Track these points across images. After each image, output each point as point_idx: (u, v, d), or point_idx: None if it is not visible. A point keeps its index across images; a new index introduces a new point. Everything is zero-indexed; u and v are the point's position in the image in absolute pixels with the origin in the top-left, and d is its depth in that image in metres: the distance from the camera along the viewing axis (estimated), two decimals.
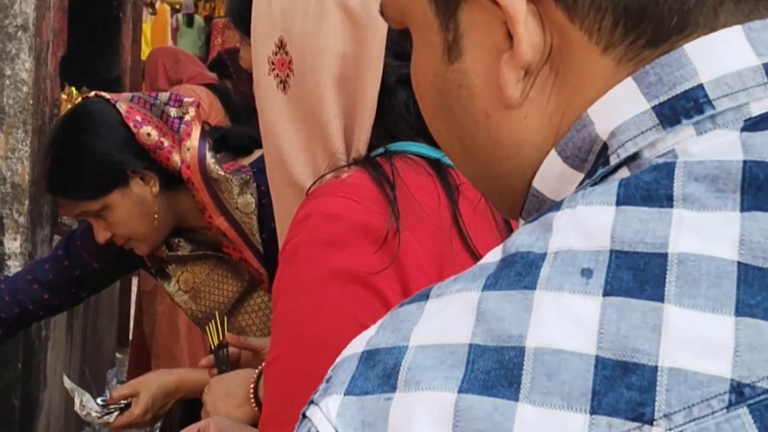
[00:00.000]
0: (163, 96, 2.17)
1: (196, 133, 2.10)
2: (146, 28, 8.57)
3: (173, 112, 2.13)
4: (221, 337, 2.03)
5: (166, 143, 2.11)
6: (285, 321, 1.13)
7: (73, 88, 4.41)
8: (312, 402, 0.57)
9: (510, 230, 1.23)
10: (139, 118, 2.11)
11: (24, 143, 3.65)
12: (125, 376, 5.27)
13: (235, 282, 2.22)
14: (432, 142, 1.19)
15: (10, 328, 2.39)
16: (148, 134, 2.10)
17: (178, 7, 11.57)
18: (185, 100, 2.15)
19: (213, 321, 2.08)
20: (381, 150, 1.20)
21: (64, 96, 4.25)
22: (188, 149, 2.09)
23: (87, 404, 2.26)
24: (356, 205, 1.12)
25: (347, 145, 1.19)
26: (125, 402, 2.22)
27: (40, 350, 3.91)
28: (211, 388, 1.85)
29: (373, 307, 1.09)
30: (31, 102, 3.65)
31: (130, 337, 6.31)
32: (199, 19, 11.16)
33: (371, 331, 0.58)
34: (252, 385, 1.77)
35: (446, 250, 1.14)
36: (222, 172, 2.09)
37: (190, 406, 2.45)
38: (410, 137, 1.21)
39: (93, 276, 2.36)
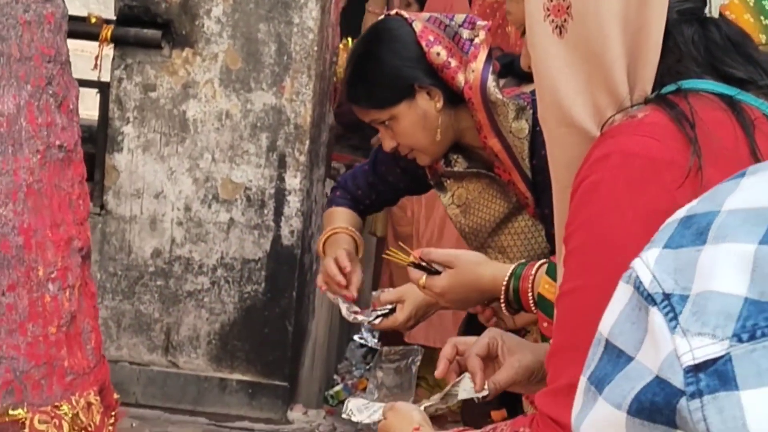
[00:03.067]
0: (459, 18, 2.31)
1: (482, 56, 2.22)
2: None
3: (465, 33, 2.26)
4: (411, 255, 2.10)
5: (453, 63, 2.24)
6: (584, 256, 1.18)
7: (350, 39, 4.63)
8: (638, 257, 0.69)
9: None
10: (431, 38, 2.26)
11: (307, 87, 3.90)
12: None
13: (502, 203, 2.34)
14: (721, 79, 1.23)
15: (365, 213, 2.66)
16: (438, 54, 2.25)
17: None
18: (478, 23, 2.28)
19: (390, 253, 2.18)
20: (672, 88, 1.21)
21: (341, 45, 4.49)
22: (472, 71, 2.22)
23: (351, 309, 2.43)
24: (657, 144, 1.15)
25: (630, 85, 1.21)
26: (390, 307, 2.35)
27: (311, 282, 4.19)
28: (448, 294, 1.96)
29: None
30: (315, 48, 3.89)
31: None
32: None
33: (693, 203, 0.70)
34: (504, 283, 1.87)
35: None
36: (500, 96, 2.21)
37: (471, 323, 2.59)
38: (697, 75, 1.23)
39: (389, 188, 2.60)
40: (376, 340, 5.14)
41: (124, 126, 3.96)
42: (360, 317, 2.39)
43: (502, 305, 1.88)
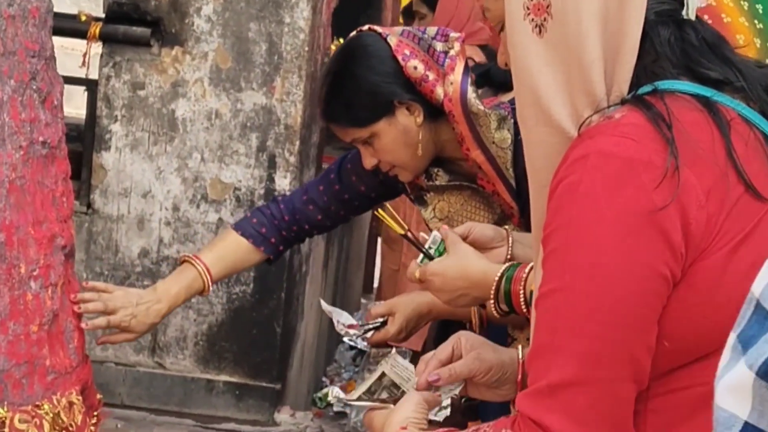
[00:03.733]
0: (431, 30, 2.29)
1: (459, 67, 2.21)
2: None
3: (439, 46, 2.24)
4: (402, 225, 2.06)
5: (431, 77, 2.22)
6: (563, 257, 1.18)
7: (341, 39, 4.61)
8: None
9: None
10: (407, 52, 2.24)
11: (298, 87, 3.88)
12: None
13: (486, 214, 2.32)
14: (697, 80, 1.24)
15: (289, 244, 2.58)
16: (415, 67, 2.23)
17: None
18: (451, 35, 2.26)
19: (380, 213, 2.14)
20: (648, 88, 1.22)
21: (333, 46, 4.46)
22: (451, 83, 2.20)
23: (344, 322, 2.42)
24: (635, 144, 1.16)
25: (607, 86, 1.22)
26: (381, 320, 2.36)
27: (300, 284, 4.16)
28: (433, 283, 1.92)
29: (655, 243, 1.14)
30: (306, 49, 3.87)
31: (375, 285, 6.58)
32: None
33: None
34: (495, 282, 1.84)
35: (723, 184, 1.18)
36: (481, 107, 2.19)
37: (445, 325, 2.57)
38: (673, 76, 1.24)
39: (360, 199, 2.52)
40: (365, 342, 5.13)
41: (112, 124, 3.93)
42: (351, 331, 2.38)
43: (491, 305, 1.87)
